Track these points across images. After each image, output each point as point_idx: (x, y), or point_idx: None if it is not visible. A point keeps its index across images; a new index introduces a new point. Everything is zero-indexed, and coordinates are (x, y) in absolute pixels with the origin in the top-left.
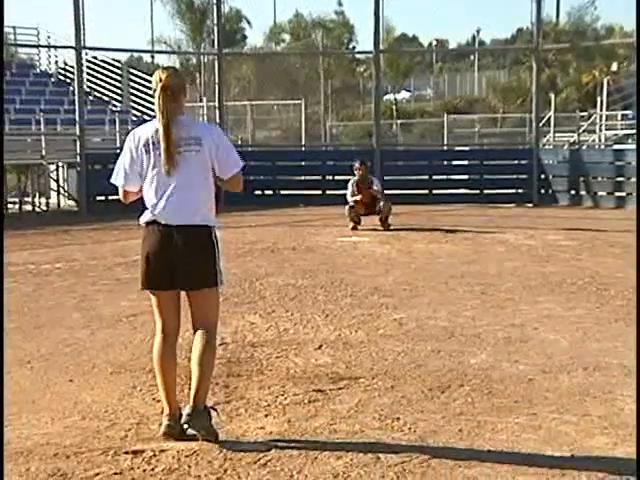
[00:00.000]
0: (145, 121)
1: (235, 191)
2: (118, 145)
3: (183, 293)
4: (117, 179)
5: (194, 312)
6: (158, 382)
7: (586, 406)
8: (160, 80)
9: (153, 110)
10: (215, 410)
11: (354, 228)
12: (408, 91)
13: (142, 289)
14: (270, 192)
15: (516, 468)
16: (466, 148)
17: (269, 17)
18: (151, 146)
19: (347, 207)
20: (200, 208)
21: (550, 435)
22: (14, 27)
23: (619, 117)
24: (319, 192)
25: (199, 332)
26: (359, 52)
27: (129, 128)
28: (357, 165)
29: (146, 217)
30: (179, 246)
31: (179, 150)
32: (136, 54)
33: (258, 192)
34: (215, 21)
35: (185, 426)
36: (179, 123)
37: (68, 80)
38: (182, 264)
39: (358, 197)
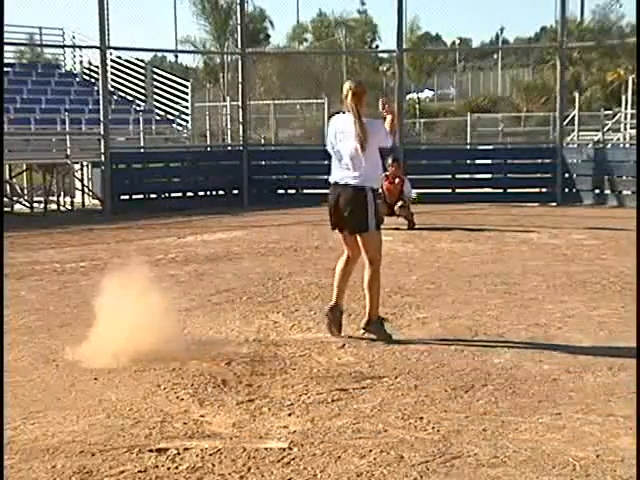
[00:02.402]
0: (169, 120)
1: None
2: (142, 144)
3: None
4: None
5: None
6: (335, 282)
7: (611, 406)
8: (350, 88)
9: (176, 109)
10: (385, 319)
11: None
12: (431, 90)
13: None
14: (293, 191)
15: (540, 468)
16: (490, 147)
17: (292, 17)
18: (341, 133)
19: None
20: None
21: (574, 435)
22: (40, 28)
23: None
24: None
25: (366, 264)
26: (382, 51)
27: (153, 127)
28: (389, 162)
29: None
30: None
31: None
32: (159, 54)
33: (281, 191)
34: (239, 21)
35: (362, 331)
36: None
37: (93, 80)
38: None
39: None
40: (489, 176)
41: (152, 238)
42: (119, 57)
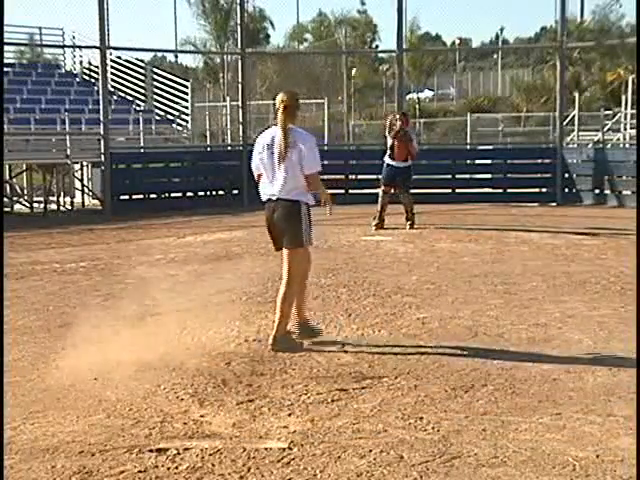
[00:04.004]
0: (169, 120)
1: (313, 189)
2: (142, 144)
3: None
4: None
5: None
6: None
7: (611, 406)
8: (282, 101)
9: (176, 109)
10: (291, 332)
11: (379, 227)
12: (431, 90)
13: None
14: None
15: (540, 468)
16: (489, 147)
17: (292, 17)
18: (266, 146)
19: (380, 191)
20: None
21: (574, 435)
22: (40, 28)
23: None
24: (342, 191)
25: (283, 280)
26: (382, 51)
27: (153, 127)
28: (397, 116)
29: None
30: (281, 214)
31: (287, 149)
32: (159, 54)
33: None
34: (239, 21)
35: (270, 348)
36: (289, 130)
37: (93, 80)
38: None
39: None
40: (489, 176)
41: (152, 238)
42: (119, 57)
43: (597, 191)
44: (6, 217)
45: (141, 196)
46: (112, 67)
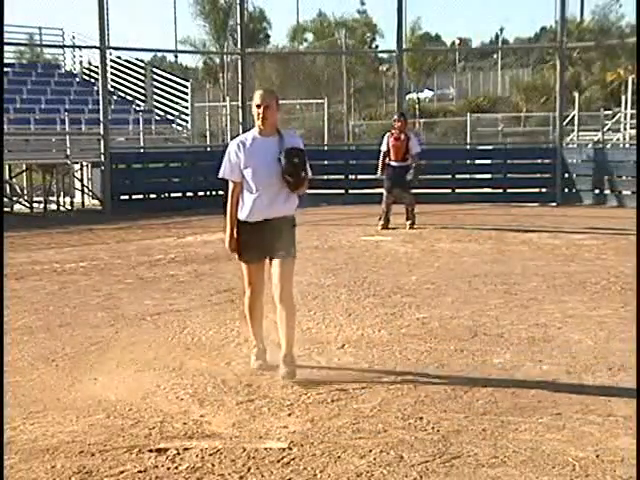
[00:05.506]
0: (169, 120)
1: None
2: (142, 145)
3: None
4: None
5: None
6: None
7: (611, 406)
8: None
9: (176, 109)
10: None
11: (384, 227)
12: (431, 90)
13: None
14: None
15: (540, 468)
16: (489, 147)
17: (292, 17)
18: None
19: (385, 192)
20: None
21: (574, 435)
22: (40, 28)
23: None
24: (342, 191)
25: None
26: (382, 51)
27: (152, 127)
28: (396, 117)
29: None
30: None
31: None
32: (159, 54)
33: None
34: (238, 21)
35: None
36: None
37: (93, 80)
38: None
39: (387, 146)
40: (489, 176)
41: (152, 238)
42: (119, 57)
43: (597, 191)
44: (6, 217)
45: (141, 196)
46: (112, 67)
